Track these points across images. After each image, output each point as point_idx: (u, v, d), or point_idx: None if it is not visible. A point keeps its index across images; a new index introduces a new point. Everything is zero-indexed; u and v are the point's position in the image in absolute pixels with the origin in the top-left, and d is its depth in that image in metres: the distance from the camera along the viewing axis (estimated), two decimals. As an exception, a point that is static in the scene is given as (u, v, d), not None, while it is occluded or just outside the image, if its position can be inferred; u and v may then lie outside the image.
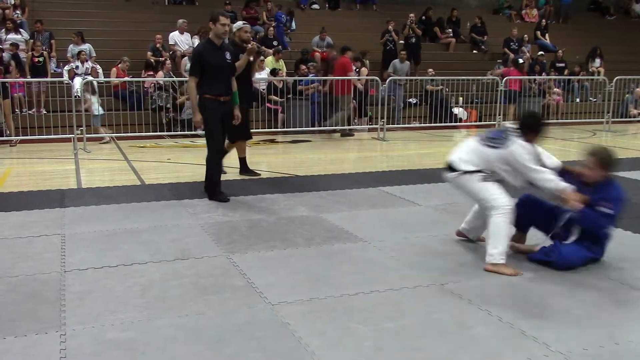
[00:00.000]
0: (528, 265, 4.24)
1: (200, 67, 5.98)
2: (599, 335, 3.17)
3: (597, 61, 16.86)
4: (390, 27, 15.33)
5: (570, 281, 3.95)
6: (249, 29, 7.32)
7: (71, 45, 12.73)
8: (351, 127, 12.26)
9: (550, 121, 14.22)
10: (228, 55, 6.17)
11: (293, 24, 16.49)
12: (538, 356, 2.94)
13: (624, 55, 17.92)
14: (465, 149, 4.43)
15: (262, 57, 12.23)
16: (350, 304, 3.55)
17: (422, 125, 13.31)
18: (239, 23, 7.35)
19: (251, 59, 7.07)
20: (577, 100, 15.68)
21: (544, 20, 18.85)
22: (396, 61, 14.14)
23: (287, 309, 3.46)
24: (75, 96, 10.34)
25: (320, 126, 11.97)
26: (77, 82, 10.98)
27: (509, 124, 4.38)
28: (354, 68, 12.32)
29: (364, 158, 9.70)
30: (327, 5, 18.42)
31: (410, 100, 14.13)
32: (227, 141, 6.80)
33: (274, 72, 12.81)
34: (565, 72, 16.07)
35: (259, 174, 7.54)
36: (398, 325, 3.27)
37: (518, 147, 4.14)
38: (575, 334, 3.18)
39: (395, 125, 12.92)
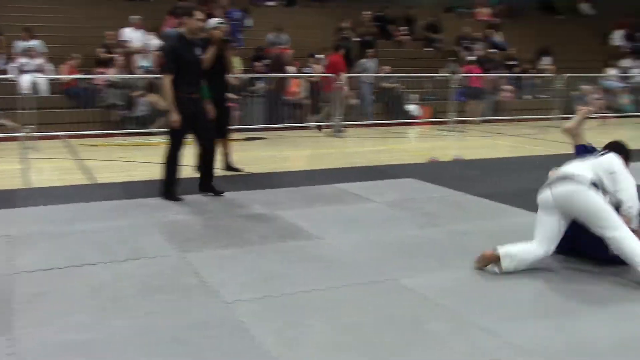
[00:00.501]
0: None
1: (175, 63, 5.79)
2: (549, 326, 3.24)
3: (547, 59, 17.23)
4: (345, 24, 15.38)
5: (523, 274, 4.01)
6: (224, 29, 7.05)
7: (18, 42, 12.38)
8: (307, 124, 12.28)
9: (501, 118, 14.55)
10: (199, 51, 6.07)
11: (249, 21, 16.38)
12: (490, 348, 3.00)
13: (572, 54, 18.35)
14: (574, 164, 4.23)
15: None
16: (306, 301, 3.56)
17: (378, 122, 13.39)
18: (215, 21, 7.10)
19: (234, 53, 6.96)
20: (528, 97, 16.01)
21: (495, 19, 19.18)
22: (364, 60, 14.18)
23: (241, 307, 3.44)
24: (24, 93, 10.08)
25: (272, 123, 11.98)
26: (26, 79, 10.68)
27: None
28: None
29: (319, 155, 9.72)
30: (283, 3, 18.37)
31: (366, 97, 14.20)
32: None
33: (228, 69, 12.72)
34: (516, 69, 16.39)
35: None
36: (353, 322, 3.29)
37: (614, 156, 4.16)
38: (527, 326, 3.25)
39: (351, 122, 12.96)
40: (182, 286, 3.76)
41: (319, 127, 12.34)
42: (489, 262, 4.06)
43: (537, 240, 4.07)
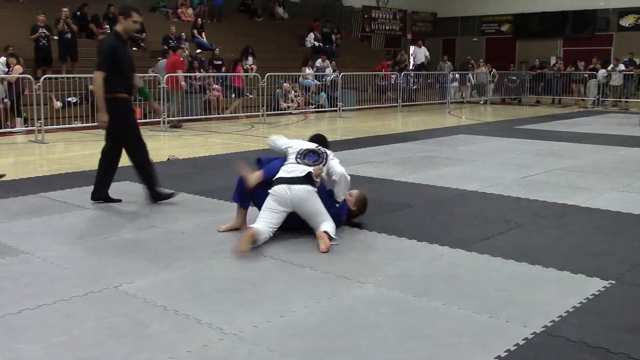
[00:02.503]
0: (199, 255, 4.39)
1: (113, 63, 5.62)
2: (267, 312, 3.42)
3: (250, 59, 18.08)
4: (40, 22, 14.29)
5: (234, 265, 4.20)
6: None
7: None
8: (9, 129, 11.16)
9: (212, 116, 14.92)
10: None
11: None
12: (213, 341, 3.08)
13: (271, 54, 19.57)
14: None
15: None
16: (15, 324, 3.25)
17: (85, 125, 12.72)
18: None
19: None
20: (234, 96, 16.63)
21: (199, 19, 19.53)
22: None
23: None
24: None
25: None
26: None
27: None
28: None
29: (22, 163, 8.92)
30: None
31: (70, 99, 13.39)
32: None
33: None
34: (223, 69, 16.91)
35: None
36: (70, 337, 3.10)
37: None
38: (246, 314, 3.39)
39: (56, 127, 12.11)
40: None
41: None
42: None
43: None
